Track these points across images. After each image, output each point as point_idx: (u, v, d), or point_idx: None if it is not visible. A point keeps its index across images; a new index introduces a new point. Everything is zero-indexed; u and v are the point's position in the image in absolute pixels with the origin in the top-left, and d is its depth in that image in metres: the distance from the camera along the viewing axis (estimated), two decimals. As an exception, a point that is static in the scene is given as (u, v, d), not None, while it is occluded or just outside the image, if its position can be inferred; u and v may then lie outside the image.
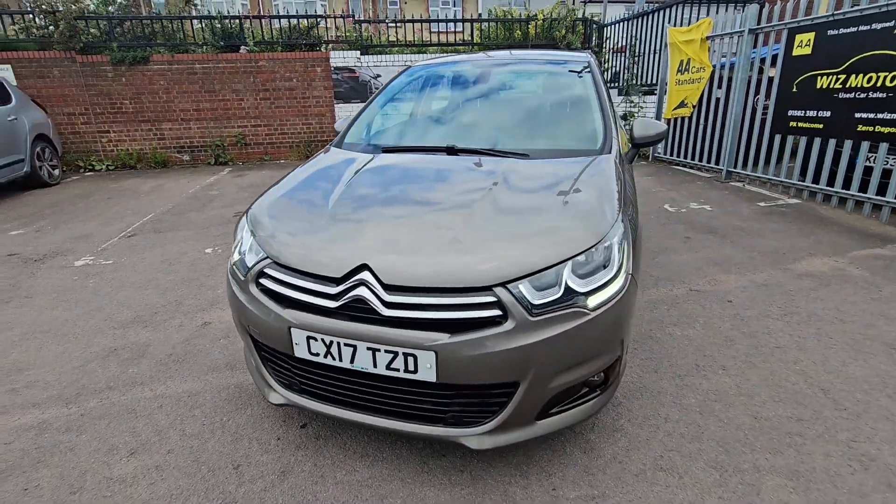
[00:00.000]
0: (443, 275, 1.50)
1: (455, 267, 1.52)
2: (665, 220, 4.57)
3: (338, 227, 1.74)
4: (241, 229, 1.96)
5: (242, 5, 22.76)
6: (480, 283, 1.48)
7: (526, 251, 1.56)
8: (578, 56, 2.94)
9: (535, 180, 1.97)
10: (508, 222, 1.70)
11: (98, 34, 7.68)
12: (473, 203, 1.78)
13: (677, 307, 2.92)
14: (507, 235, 1.64)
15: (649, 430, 1.93)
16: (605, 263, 1.62)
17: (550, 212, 1.75)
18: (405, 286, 1.50)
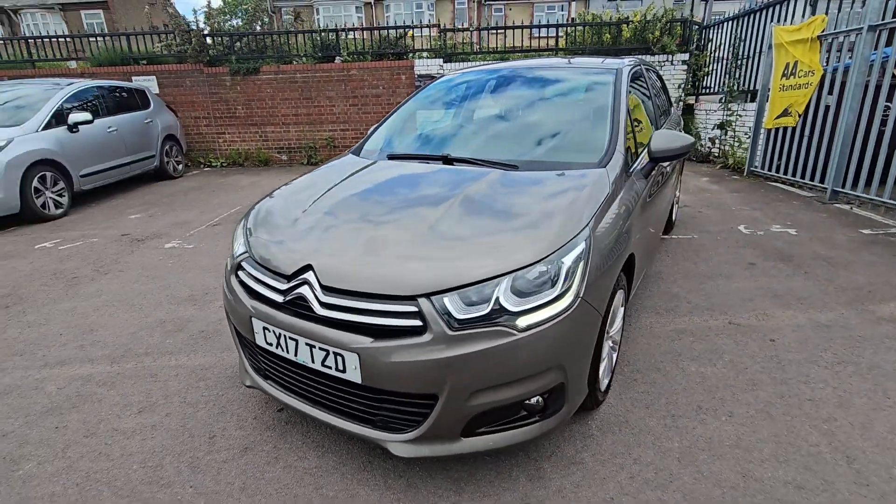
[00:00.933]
0: (372, 281, 1.55)
1: (384, 275, 1.56)
2: (732, 243, 4.07)
3: (302, 229, 1.87)
4: (240, 225, 2.19)
5: (357, 17, 24.55)
6: (404, 293, 1.50)
7: (460, 265, 1.55)
8: (612, 64, 2.77)
9: (505, 194, 1.92)
10: (453, 235, 1.69)
11: (221, 49, 8.85)
12: (428, 215, 1.80)
13: (705, 340, 2.62)
14: (447, 248, 1.63)
15: (611, 469, 1.78)
16: (550, 283, 1.55)
17: (500, 226, 1.71)
18: (339, 288, 1.58)
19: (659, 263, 3.68)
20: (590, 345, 1.70)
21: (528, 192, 1.92)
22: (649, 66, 3.70)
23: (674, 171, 3.52)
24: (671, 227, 4.28)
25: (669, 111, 3.94)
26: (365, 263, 1.62)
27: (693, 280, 3.38)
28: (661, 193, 2.90)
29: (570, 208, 1.78)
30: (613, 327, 2.13)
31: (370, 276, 1.57)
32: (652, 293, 3.20)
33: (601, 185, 1.96)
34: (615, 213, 1.93)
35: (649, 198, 2.50)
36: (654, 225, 2.73)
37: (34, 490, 1.77)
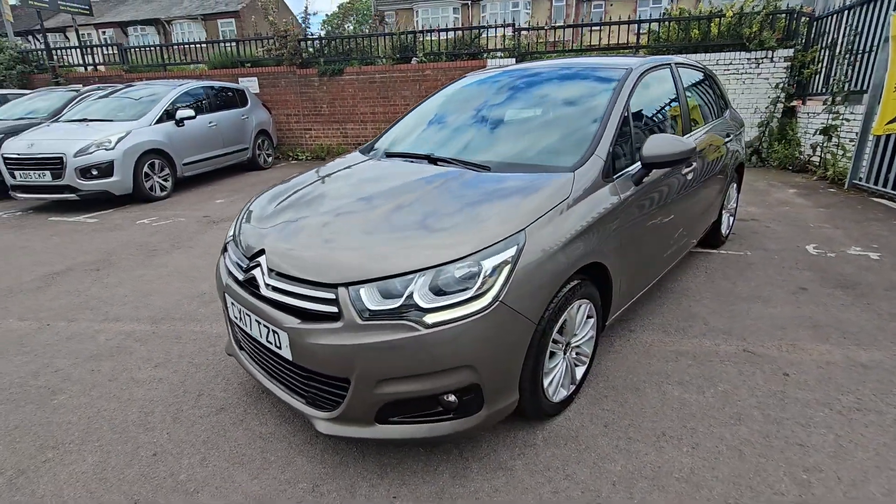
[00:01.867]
0: (304, 268, 1.69)
1: (316, 263, 1.69)
2: (790, 264, 3.60)
3: (272, 218, 2.06)
4: (241, 212, 2.46)
5: (455, 18, 25.04)
6: (327, 281, 1.62)
7: (384, 259, 1.63)
8: (624, 65, 2.62)
9: (458, 195, 1.95)
10: (390, 231, 1.76)
11: (312, 52, 9.63)
12: (379, 211, 1.89)
13: (705, 365, 2.39)
14: (380, 242, 1.71)
15: (538, 480, 1.74)
16: (468, 284, 1.57)
17: (437, 225, 1.75)
18: (279, 272, 1.74)
19: (689, 279, 3.39)
20: (516, 351, 1.68)
21: (480, 193, 1.93)
22: (694, 65, 3.41)
23: (715, 178, 3.23)
24: (720, 241, 3.90)
25: (720, 115, 3.59)
26: (305, 251, 1.76)
27: (723, 301, 3.07)
28: (681, 202, 2.70)
29: (509, 211, 1.76)
30: (575, 339, 2.06)
31: (305, 262, 1.71)
32: (667, 310, 2.97)
33: (560, 190, 1.90)
34: (573, 219, 1.86)
35: (652, 206, 2.36)
36: (659, 235, 2.55)
37: (58, 416, 2.17)
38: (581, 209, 1.92)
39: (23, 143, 6.07)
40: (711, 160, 3.15)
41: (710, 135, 3.18)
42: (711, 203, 3.34)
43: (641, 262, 2.44)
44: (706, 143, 3.06)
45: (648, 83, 2.67)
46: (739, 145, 3.80)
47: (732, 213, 4.09)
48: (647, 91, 2.63)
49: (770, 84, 7.41)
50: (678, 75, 2.97)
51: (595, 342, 2.21)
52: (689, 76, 3.23)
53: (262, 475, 1.81)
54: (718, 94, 3.68)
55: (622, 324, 2.82)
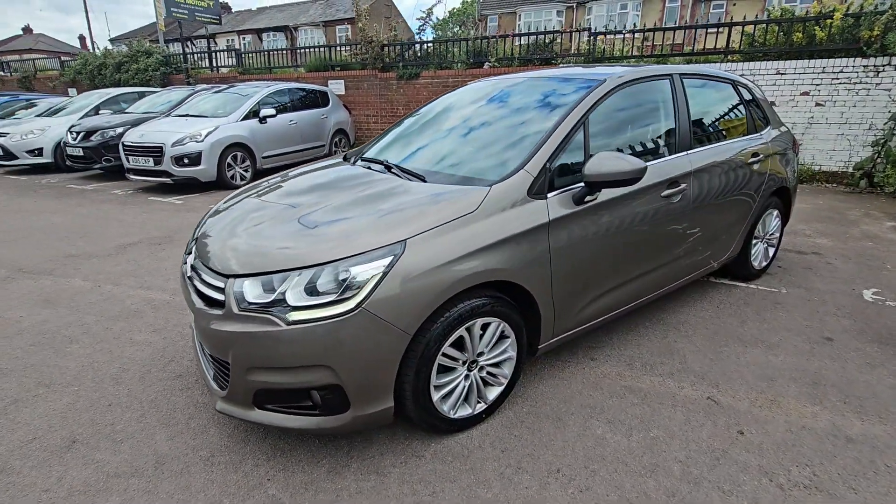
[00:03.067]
0: (212, 259, 1.88)
1: (221, 255, 1.87)
2: (829, 309, 3.06)
3: (223, 213, 2.28)
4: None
5: (558, 21, 24.46)
6: (222, 271, 1.79)
7: (267, 255, 1.76)
8: (598, 75, 2.45)
9: (373, 201, 1.99)
10: (290, 230, 1.88)
11: (393, 56, 10.11)
12: (295, 208, 2.02)
13: (651, 407, 2.17)
14: (274, 240, 1.84)
15: (403, 491, 1.75)
16: (335, 287, 1.63)
17: (327, 228, 1.83)
18: (201, 261, 1.96)
19: (692, 312, 3.05)
20: (385, 359, 1.69)
21: (390, 201, 1.96)
22: (714, 76, 3.05)
23: (731, 203, 2.90)
24: (750, 273, 3.44)
25: (752, 132, 3.16)
26: (216, 243, 1.95)
27: (716, 340, 2.73)
28: (663, 227, 2.48)
29: (399, 221, 1.79)
30: (484, 357, 2.01)
31: (213, 253, 1.90)
32: (647, 342, 2.72)
33: (465, 204, 1.87)
34: (476, 234, 1.83)
35: (610, 229, 2.23)
36: (626, 262, 2.37)
37: (63, 361, 2.63)
38: (491, 225, 1.87)
39: (137, 133, 7.23)
40: (722, 183, 2.81)
41: (722, 155, 2.83)
42: (724, 230, 2.98)
43: (593, 289, 2.29)
44: (711, 163, 2.73)
45: (629, 96, 2.48)
46: (783, 167, 3.31)
47: (773, 244, 3.58)
48: (624, 105, 2.44)
49: (891, 96, 6.25)
50: (679, 88, 2.68)
51: (517, 364, 2.12)
52: (702, 89, 2.91)
53: (177, 438, 2.04)
54: (752, 109, 3.24)
55: (587, 350, 2.65)
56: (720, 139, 2.93)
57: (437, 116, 2.87)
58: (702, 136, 2.81)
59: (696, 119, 2.79)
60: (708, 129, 2.89)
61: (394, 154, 2.62)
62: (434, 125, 2.79)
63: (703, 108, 2.91)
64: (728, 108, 3.09)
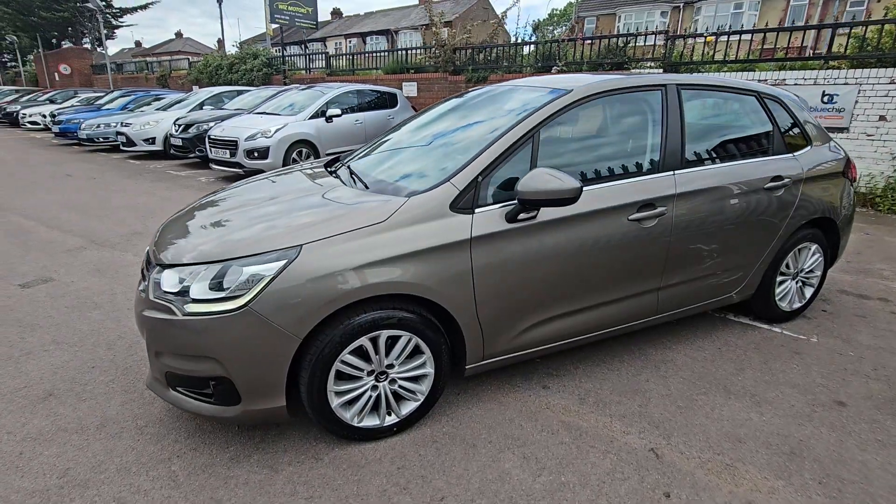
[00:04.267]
0: (157, 247, 2.06)
1: (163, 248, 2.03)
2: (864, 368, 2.54)
3: (186, 211, 2.47)
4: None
5: (662, 22, 22.86)
6: (157, 261, 1.95)
7: (184, 250, 1.89)
8: (564, 84, 2.28)
9: (306, 206, 2.05)
10: (221, 228, 1.99)
11: (464, 60, 10.18)
12: (241, 207, 2.15)
13: (580, 448, 1.98)
14: (203, 236, 1.97)
15: (284, 490, 1.79)
16: (230, 285, 1.72)
17: (244, 229, 1.91)
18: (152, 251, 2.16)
19: (686, 350, 2.71)
20: (273, 359, 1.73)
21: (315, 208, 2.00)
22: (732, 87, 2.66)
23: (738, 231, 2.56)
24: (777, 314, 2.97)
25: (782, 152, 2.71)
26: (166, 236, 2.12)
27: (695, 386, 2.40)
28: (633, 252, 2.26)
29: (303, 226, 1.82)
30: (395, 371, 1.97)
31: (158, 245, 2.07)
32: (615, 377, 2.48)
33: (374, 214, 1.85)
34: (380, 245, 1.80)
35: (557, 251, 2.09)
36: (580, 287, 2.20)
37: (80, 323, 3.03)
38: (399, 236, 1.84)
39: (220, 128, 8.06)
40: (722, 209, 2.46)
41: (725, 177, 2.47)
42: (730, 263, 2.61)
43: (536, 313, 2.14)
44: (708, 186, 2.41)
45: (602, 108, 2.27)
46: (824, 194, 2.82)
47: (811, 284, 3.05)
48: (595, 117, 2.24)
49: None
50: (672, 101, 2.38)
51: (434, 382, 2.05)
52: (710, 102, 2.57)
53: (128, 404, 2.26)
54: (783, 126, 2.77)
55: (544, 377, 2.49)
56: (727, 159, 2.56)
57: (419, 125, 2.85)
58: (701, 154, 2.48)
59: (696, 135, 2.47)
60: (711, 148, 2.54)
61: (366, 162, 2.63)
62: (413, 133, 2.78)
63: (708, 122, 2.58)
64: (745, 125, 2.69)
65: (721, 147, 2.57)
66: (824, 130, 2.99)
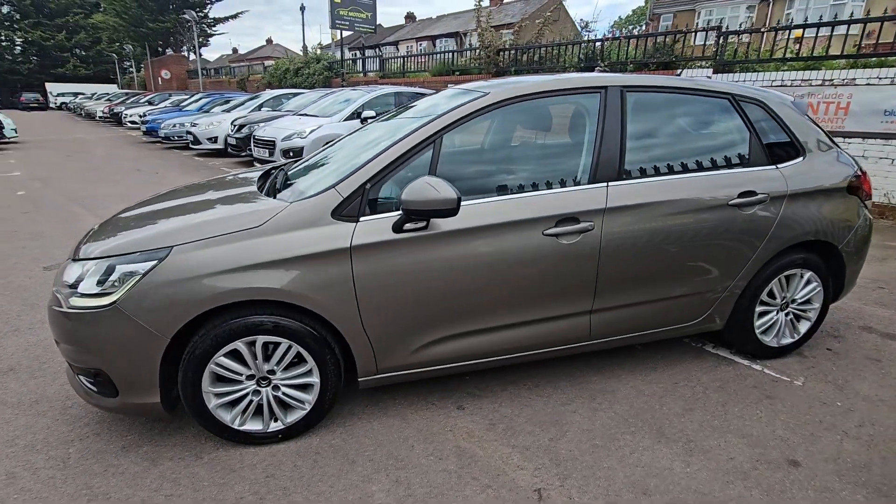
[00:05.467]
0: None
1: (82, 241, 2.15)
2: (843, 426, 2.11)
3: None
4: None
5: (747, 17, 20.94)
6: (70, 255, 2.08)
7: (94, 246, 1.98)
8: (482, 88, 2.12)
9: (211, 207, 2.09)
10: (122, 229, 2.07)
11: (507, 61, 9.98)
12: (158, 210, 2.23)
13: (455, 476, 1.84)
14: (114, 234, 2.06)
15: (156, 485, 1.83)
16: (106, 282, 1.78)
17: (133, 232, 1.96)
18: None
19: (632, 382, 2.43)
20: (144, 356, 1.77)
21: (208, 211, 2.03)
22: (681, 87, 2.35)
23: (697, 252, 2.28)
24: (760, 349, 2.58)
25: (765, 164, 2.34)
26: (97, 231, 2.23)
27: (626, 425, 2.14)
28: (540, 271, 2.07)
29: (181, 228, 1.86)
30: (278, 377, 1.95)
31: (84, 240, 2.20)
32: (536, 404, 2.28)
33: (253, 218, 1.84)
34: (253, 250, 1.79)
35: (454, 265, 1.97)
36: (466, 298, 2.04)
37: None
38: (275, 242, 1.81)
39: (264, 129, 8.55)
40: (670, 226, 2.17)
41: (674, 191, 2.17)
42: (688, 288, 2.30)
43: (435, 329, 2.03)
44: (650, 201, 2.13)
45: (524, 112, 2.10)
46: (817, 213, 2.39)
47: (807, 317, 2.61)
48: (515, 122, 2.07)
49: None
50: (613, 105, 2.13)
51: (321, 393, 2.00)
52: (667, 106, 2.26)
53: (67, 385, 2.44)
54: (764, 133, 2.36)
55: (464, 397, 2.35)
56: (682, 171, 2.24)
57: (365, 131, 2.81)
58: (647, 165, 2.20)
59: (644, 144, 2.20)
60: (662, 157, 2.24)
61: (297, 169, 2.60)
62: (357, 139, 2.74)
63: (663, 129, 2.28)
64: (711, 131, 2.35)
65: (675, 157, 2.27)
66: (827, 138, 2.54)
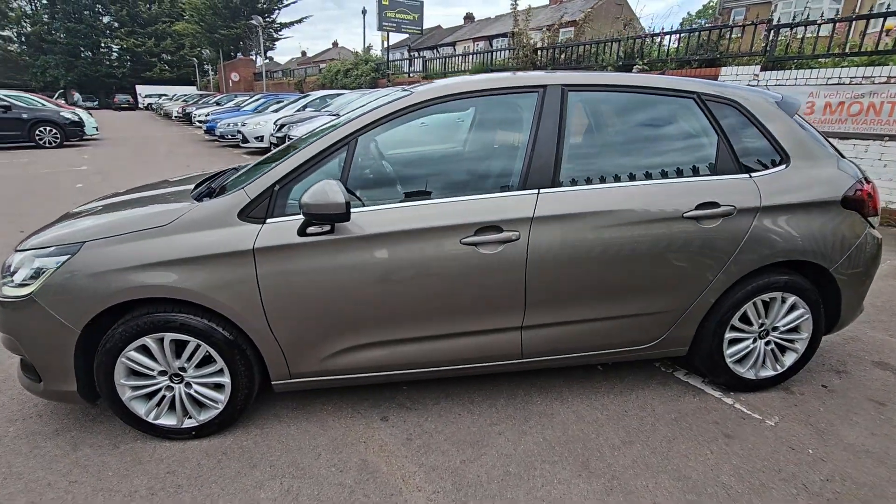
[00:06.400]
0: None
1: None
2: (803, 478, 1.80)
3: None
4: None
5: (832, 8, 18.99)
6: (19, 245, 2.22)
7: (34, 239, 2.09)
8: (421, 88, 2.01)
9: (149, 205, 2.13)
10: (68, 223, 2.16)
11: (545, 60, 9.68)
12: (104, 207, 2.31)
13: (343, 491, 1.76)
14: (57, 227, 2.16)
15: (61, 466, 1.90)
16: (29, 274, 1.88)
17: (66, 228, 2.02)
18: None
19: (575, 406, 2.22)
20: (59, 346, 1.84)
21: (143, 208, 2.07)
22: (634, 86, 2.09)
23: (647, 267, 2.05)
24: (733, 379, 2.28)
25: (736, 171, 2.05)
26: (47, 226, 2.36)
27: (549, 454, 1.96)
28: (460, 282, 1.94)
29: (99, 224, 1.91)
30: (189, 374, 1.97)
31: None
32: (463, 422, 2.15)
33: (162, 217, 1.86)
34: (157, 248, 1.81)
35: (352, 270, 1.89)
36: (380, 306, 1.95)
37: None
38: (179, 241, 1.82)
39: (297, 129, 8.85)
40: (610, 238, 1.96)
41: (617, 201, 1.95)
42: (638, 307, 2.07)
43: (347, 336, 1.96)
44: (586, 211, 1.93)
45: (456, 115, 1.97)
46: (799, 230, 2.07)
47: (793, 349, 2.27)
48: (440, 124, 1.95)
49: None
50: (552, 106, 1.95)
51: (233, 393, 1.99)
52: (619, 106, 2.04)
53: (36, 367, 2.61)
54: (737, 137, 2.06)
55: (395, 409, 2.26)
56: (630, 178, 2.01)
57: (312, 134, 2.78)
58: (589, 171, 2.00)
59: (585, 148, 2.01)
60: (606, 163, 2.02)
61: (238, 172, 2.62)
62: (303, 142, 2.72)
63: (611, 132, 2.07)
64: (669, 135, 2.09)
65: (624, 163, 2.04)
66: (822, 144, 2.19)
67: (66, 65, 45.28)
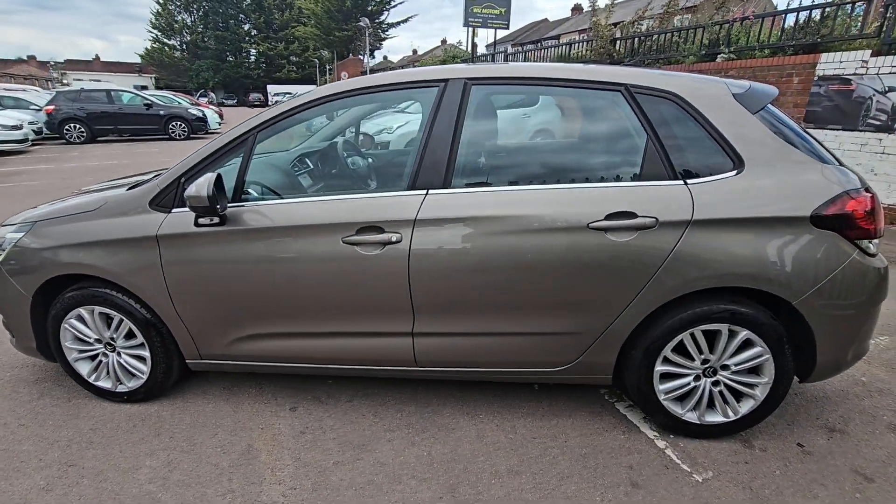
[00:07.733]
0: None
1: None
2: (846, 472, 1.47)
3: None
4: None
5: None
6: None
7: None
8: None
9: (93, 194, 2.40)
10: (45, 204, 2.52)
11: (623, 52, 8.96)
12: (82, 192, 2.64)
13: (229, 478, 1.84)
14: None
15: (8, 418, 2.24)
16: (4, 245, 2.24)
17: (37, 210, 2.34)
18: None
19: (487, 427, 2.05)
20: (17, 309, 2.16)
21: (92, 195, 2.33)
22: (551, 79, 1.85)
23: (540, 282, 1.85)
24: (671, 419, 1.94)
25: (668, 177, 1.71)
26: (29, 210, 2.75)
27: (425, 471, 1.84)
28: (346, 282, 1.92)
29: (50, 209, 2.18)
30: (119, 344, 2.19)
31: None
32: (358, 423, 2.11)
33: (91, 203, 2.10)
34: (81, 229, 2.05)
35: (245, 262, 1.95)
36: (274, 299, 1.99)
37: None
38: (100, 225, 2.03)
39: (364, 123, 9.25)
40: (499, 246, 1.77)
41: (510, 203, 1.75)
42: (532, 323, 1.85)
43: (248, 325, 2.04)
44: (473, 212, 1.76)
45: (356, 111, 1.92)
46: (762, 250, 1.67)
47: (751, 395, 1.85)
48: (337, 120, 1.91)
49: None
50: (451, 101, 1.81)
51: (153, 366, 2.18)
52: (530, 102, 1.80)
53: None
54: (673, 136, 1.70)
55: (306, 400, 2.31)
56: (530, 181, 1.77)
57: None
58: (487, 172, 1.81)
59: (485, 147, 1.83)
60: (510, 164, 1.82)
61: None
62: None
63: (517, 130, 1.83)
64: (589, 134, 1.79)
65: (528, 165, 1.82)
66: (801, 146, 1.74)
67: (214, 68, 52.21)
